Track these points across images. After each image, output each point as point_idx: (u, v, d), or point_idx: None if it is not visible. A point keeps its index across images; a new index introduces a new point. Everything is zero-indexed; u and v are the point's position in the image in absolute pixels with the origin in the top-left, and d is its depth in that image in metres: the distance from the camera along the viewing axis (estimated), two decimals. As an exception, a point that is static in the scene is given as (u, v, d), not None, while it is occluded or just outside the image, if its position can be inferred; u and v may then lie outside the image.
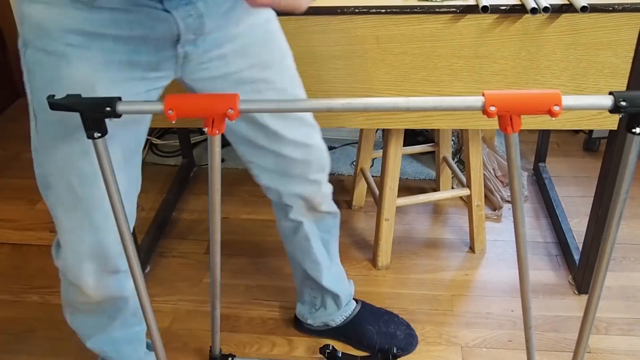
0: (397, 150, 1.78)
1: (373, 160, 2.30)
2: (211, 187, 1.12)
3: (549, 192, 2.23)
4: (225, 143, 2.74)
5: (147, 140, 2.57)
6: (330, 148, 2.57)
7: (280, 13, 1.40)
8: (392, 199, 1.84)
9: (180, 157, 2.52)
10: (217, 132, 0.98)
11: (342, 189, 2.36)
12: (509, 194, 2.26)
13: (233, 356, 1.63)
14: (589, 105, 0.95)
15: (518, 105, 0.94)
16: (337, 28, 1.44)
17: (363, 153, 2.10)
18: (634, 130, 0.95)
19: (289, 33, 1.44)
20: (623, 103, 0.92)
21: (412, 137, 2.42)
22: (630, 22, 1.39)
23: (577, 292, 1.84)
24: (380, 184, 1.85)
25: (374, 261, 1.97)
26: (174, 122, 0.93)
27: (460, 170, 2.12)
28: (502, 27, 1.41)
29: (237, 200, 2.30)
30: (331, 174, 2.40)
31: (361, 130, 2.07)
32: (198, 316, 1.79)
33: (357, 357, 1.64)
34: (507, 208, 2.22)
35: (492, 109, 0.93)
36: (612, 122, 1.53)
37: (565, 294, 1.84)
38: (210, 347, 1.59)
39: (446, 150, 2.17)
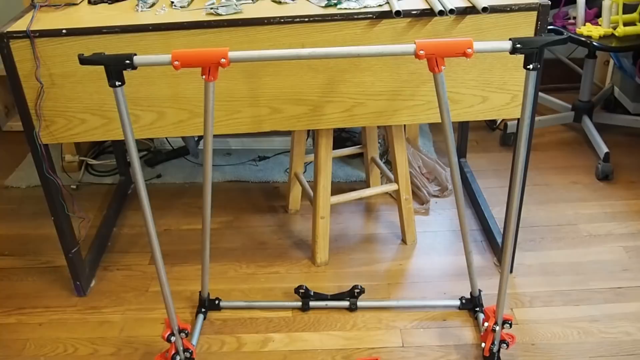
0: (328, 150, 1.89)
1: (306, 166, 2.41)
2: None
3: (471, 184, 2.40)
4: (161, 159, 2.79)
5: (83, 161, 2.61)
6: (263, 158, 2.69)
7: (206, 25, 1.50)
8: (326, 197, 1.96)
9: (117, 176, 2.56)
10: (212, 79, 1.31)
11: (277, 195, 2.46)
12: (435, 189, 2.42)
13: (219, 300, 1.85)
14: (494, 48, 1.31)
15: (441, 49, 1.26)
16: (265, 37, 1.55)
17: (296, 158, 2.20)
18: (528, 67, 1.27)
19: (220, 44, 1.54)
20: (519, 46, 1.25)
21: (341, 142, 2.55)
22: (526, 20, 1.56)
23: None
24: (314, 183, 1.96)
25: (313, 259, 2.07)
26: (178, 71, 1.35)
27: (388, 169, 2.26)
28: (414, 29, 1.55)
29: (177, 213, 2.36)
30: (266, 182, 2.53)
31: (293, 136, 2.18)
32: (147, 323, 1.84)
33: (328, 295, 1.84)
34: (433, 202, 2.37)
35: (422, 52, 1.25)
36: (519, 111, 1.69)
37: (491, 274, 1.99)
38: (200, 291, 1.83)
39: (374, 151, 2.30)
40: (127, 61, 1.24)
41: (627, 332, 1.75)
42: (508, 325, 1.59)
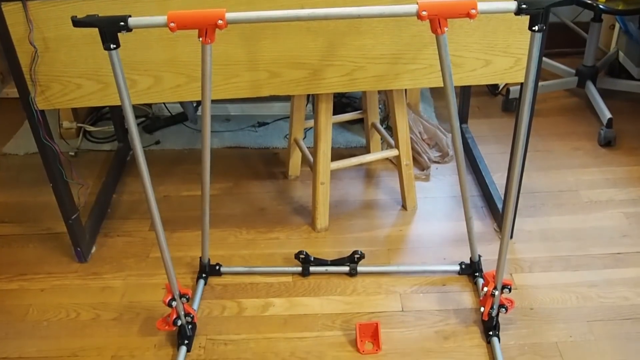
0: (328, 115, 1.88)
1: (305, 131, 2.39)
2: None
3: (472, 150, 2.38)
4: (160, 125, 2.78)
5: (81, 128, 2.59)
6: (263, 124, 2.67)
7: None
8: (326, 163, 1.94)
9: (116, 142, 2.54)
10: (209, 41, 1.25)
11: (277, 161, 2.45)
12: (436, 155, 2.41)
13: (220, 265, 1.86)
14: (498, 9, 1.26)
15: (444, 10, 1.22)
16: (263, -1, 1.52)
17: (295, 124, 2.19)
18: (534, 28, 1.24)
19: (218, 7, 1.50)
20: (524, 6, 1.21)
21: (341, 108, 2.53)
22: (530, -19, 1.52)
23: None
24: (314, 149, 1.95)
25: (313, 224, 2.06)
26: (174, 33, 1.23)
27: (388, 135, 2.24)
28: (416, -9, 1.52)
29: (177, 179, 2.35)
30: (265, 148, 2.51)
31: (292, 102, 2.16)
32: (148, 288, 1.85)
33: (328, 260, 1.85)
34: (434, 168, 2.35)
35: (424, 13, 1.21)
36: (522, 76, 1.67)
37: (491, 240, 1.99)
38: (200, 257, 1.84)
39: (374, 116, 2.28)
40: (122, 23, 1.20)
41: (625, 297, 1.76)
42: (507, 290, 1.59)
